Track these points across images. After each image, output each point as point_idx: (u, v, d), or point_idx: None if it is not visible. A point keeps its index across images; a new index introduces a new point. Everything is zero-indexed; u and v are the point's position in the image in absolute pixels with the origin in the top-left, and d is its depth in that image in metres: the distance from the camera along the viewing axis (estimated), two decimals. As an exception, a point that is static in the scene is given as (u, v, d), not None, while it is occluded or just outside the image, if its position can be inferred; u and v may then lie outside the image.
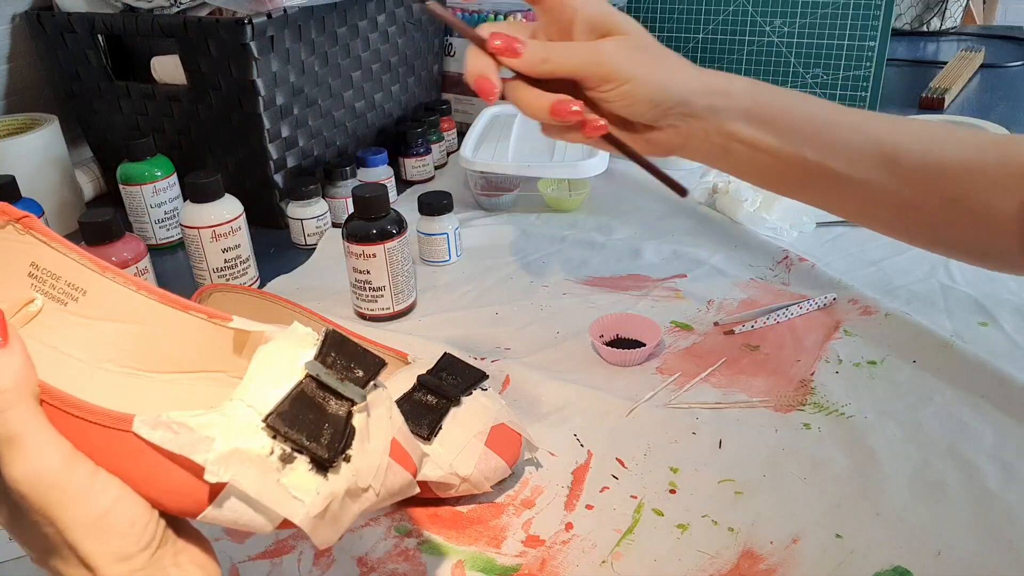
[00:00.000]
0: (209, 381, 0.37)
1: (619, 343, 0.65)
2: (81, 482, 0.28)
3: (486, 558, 0.46)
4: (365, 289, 0.69)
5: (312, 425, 0.30)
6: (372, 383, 0.32)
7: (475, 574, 0.45)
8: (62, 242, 0.35)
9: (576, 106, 0.47)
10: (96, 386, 0.36)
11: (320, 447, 0.29)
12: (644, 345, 0.63)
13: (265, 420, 0.29)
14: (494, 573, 0.45)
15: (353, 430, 0.31)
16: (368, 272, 0.68)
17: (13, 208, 0.34)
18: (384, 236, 0.67)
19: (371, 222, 0.67)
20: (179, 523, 0.31)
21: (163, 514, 0.30)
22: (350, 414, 0.31)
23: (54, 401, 0.29)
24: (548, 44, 0.48)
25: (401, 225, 0.69)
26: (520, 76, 0.49)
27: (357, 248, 0.67)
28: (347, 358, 0.32)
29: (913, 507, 0.48)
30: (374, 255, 0.67)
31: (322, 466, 0.30)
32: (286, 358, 0.31)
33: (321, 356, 0.32)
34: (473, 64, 0.49)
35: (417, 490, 0.34)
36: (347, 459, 0.30)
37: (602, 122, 0.48)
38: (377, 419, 0.32)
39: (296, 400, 0.30)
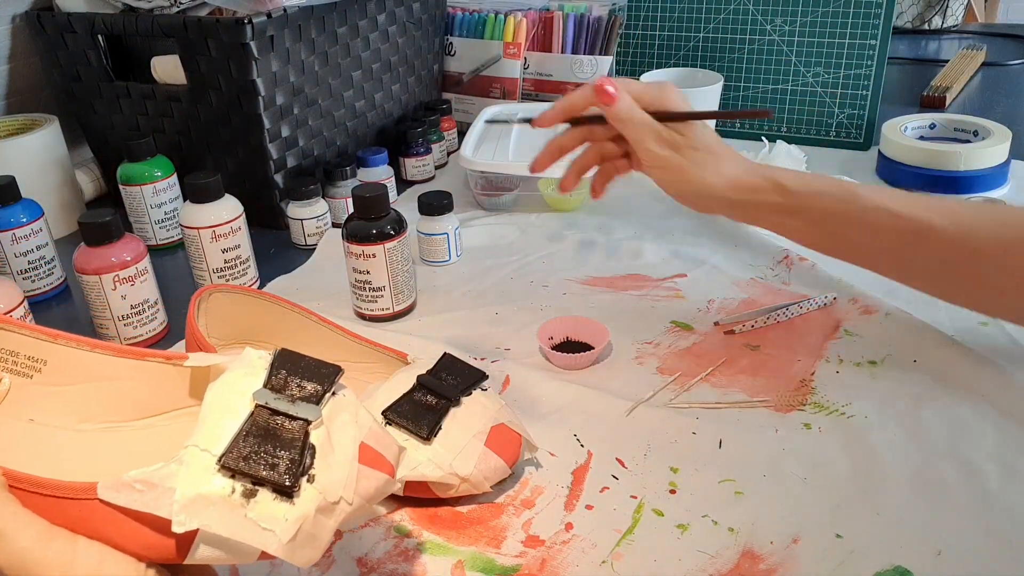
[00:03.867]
0: (185, 418, 0.38)
1: (568, 346, 0.65)
2: (60, 555, 0.29)
3: (486, 558, 0.46)
4: (365, 289, 0.69)
5: (268, 455, 0.30)
6: (330, 393, 0.32)
7: (475, 574, 0.45)
8: (10, 321, 0.36)
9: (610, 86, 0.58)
10: (78, 448, 0.37)
11: (278, 476, 0.30)
12: (592, 348, 0.63)
13: (219, 461, 0.30)
14: (494, 573, 0.45)
15: (313, 448, 0.31)
16: (368, 272, 0.68)
17: None
18: (384, 236, 0.67)
19: (371, 222, 0.67)
20: (176, 566, 0.32)
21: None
22: (307, 434, 0.31)
23: (22, 485, 0.30)
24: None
25: (401, 225, 0.69)
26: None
27: (357, 248, 0.67)
28: (299, 375, 0.32)
29: (913, 507, 0.48)
30: (374, 255, 0.67)
31: (285, 493, 0.30)
32: (235, 391, 0.32)
33: (270, 381, 0.32)
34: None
35: (397, 486, 0.34)
36: (311, 479, 0.30)
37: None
38: (340, 428, 0.32)
39: (248, 434, 0.30)
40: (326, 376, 0.33)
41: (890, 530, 0.47)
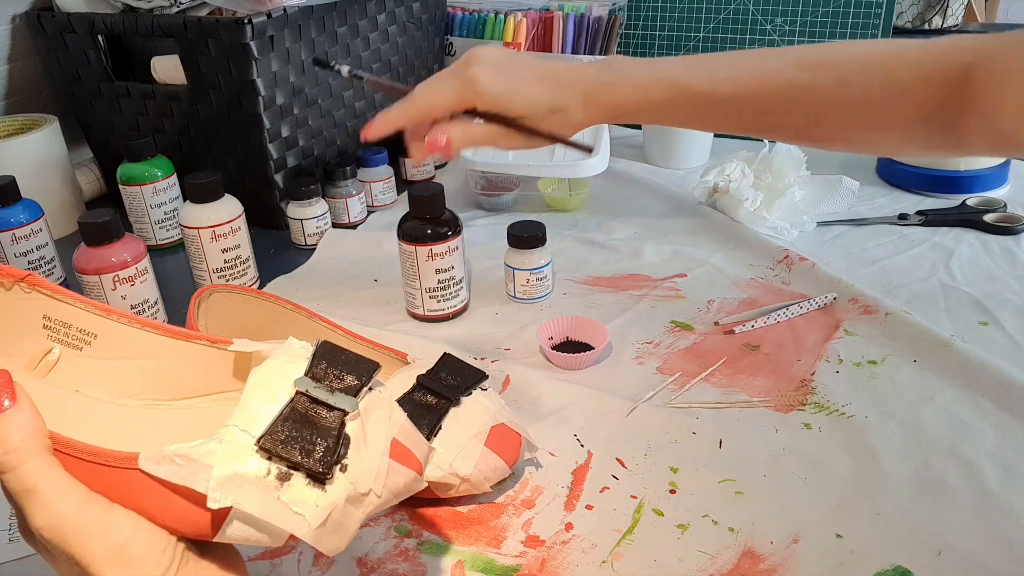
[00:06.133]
0: (223, 402, 0.39)
1: (568, 346, 0.65)
2: (96, 522, 0.30)
3: (486, 558, 0.46)
4: (449, 286, 0.69)
5: (304, 441, 0.31)
6: (367, 387, 0.33)
7: (475, 574, 0.45)
8: (66, 293, 0.37)
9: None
10: (118, 422, 0.38)
11: (313, 462, 0.30)
12: (592, 348, 0.63)
13: (258, 443, 0.30)
14: (494, 573, 0.45)
15: (348, 439, 0.32)
16: (452, 268, 0.68)
17: (15, 268, 0.36)
18: (457, 230, 0.68)
19: (435, 222, 0.67)
20: (206, 543, 0.33)
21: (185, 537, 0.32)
22: (343, 424, 0.32)
23: (66, 449, 0.30)
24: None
25: (457, 219, 0.69)
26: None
27: (440, 247, 0.67)
28: (339, 367, 0.33)
29: (913, 507, 0.48)
30: (456, 248, 0.68)
31: (318, 479, 0.31)
32: (278, 377, 0.32)
33: (311, 370, 0.33)
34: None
35: (424, 485, 0.35)
36: (343, 468, 0.31)
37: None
38: (375, 422, 0.33)
39: (287, 419, 0.31)
40: (364, 371, 0.33)
41: (890, 530, 0.47)
